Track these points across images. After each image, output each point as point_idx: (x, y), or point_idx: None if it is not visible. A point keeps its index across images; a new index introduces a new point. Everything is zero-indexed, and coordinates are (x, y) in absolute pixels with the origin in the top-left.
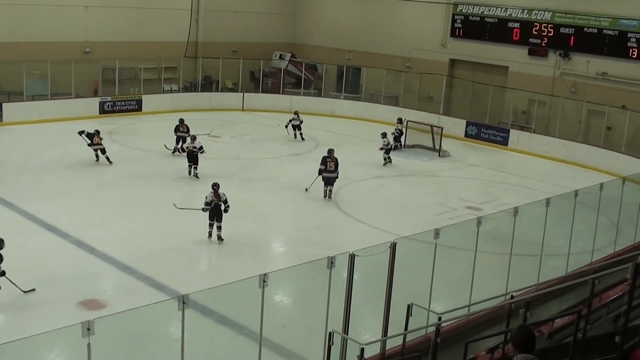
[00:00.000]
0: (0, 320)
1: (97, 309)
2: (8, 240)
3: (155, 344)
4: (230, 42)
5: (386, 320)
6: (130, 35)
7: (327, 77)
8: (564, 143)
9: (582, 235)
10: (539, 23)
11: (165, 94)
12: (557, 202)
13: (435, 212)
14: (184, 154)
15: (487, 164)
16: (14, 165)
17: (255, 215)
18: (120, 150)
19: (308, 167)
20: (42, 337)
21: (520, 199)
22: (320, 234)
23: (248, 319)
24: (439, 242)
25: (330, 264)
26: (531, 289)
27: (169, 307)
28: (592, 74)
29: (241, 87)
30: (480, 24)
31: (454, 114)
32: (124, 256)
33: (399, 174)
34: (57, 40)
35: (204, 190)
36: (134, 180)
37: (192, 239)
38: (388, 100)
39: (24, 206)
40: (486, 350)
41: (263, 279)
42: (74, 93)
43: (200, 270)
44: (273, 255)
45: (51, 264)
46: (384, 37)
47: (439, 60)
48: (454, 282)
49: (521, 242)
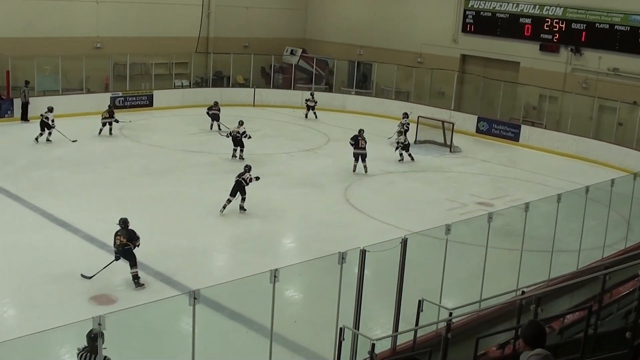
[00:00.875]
0: (12, 316)
1: (108, 304)
2: (19, 235)
3: (166, 339)
4: (241, 37)
5: (397, 316)
6: (142, 31)
7: (338, 73)
8: (575, 139)
9: (593, 231)
10: (551, 19)
11: (176, 89)
12: (568, 198)
13: (446, 207)
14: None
15: (498, 159)
16: (25, 160)
17: (267, 211)
18: (131, 146)
19: (320, 162)
20: (53, 332)
21: (531, 195)
22: (331, 229)
23: (259, 315)
24: (450, 237)
25: (341, 260)
26: (542, 285)
27: (180, 302)
28: (603, 70)
29: (252, 82)
30: (491, 19)
31: (465, 110)
32: (135, 251)
33: (410, 169)
34: (68, 36)
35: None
36: (145, 175)
37: (203, 234)
38: (399, 96)
39: (35, 202)
40: (497, 346)
41: (274, 274)
42: (85, 88)
43: (211, 266)
44: (284, 251)
45: (62, 259)
46: (395, 33)
47: (450, 56)
48: (464, 277)
49: (532, 237)
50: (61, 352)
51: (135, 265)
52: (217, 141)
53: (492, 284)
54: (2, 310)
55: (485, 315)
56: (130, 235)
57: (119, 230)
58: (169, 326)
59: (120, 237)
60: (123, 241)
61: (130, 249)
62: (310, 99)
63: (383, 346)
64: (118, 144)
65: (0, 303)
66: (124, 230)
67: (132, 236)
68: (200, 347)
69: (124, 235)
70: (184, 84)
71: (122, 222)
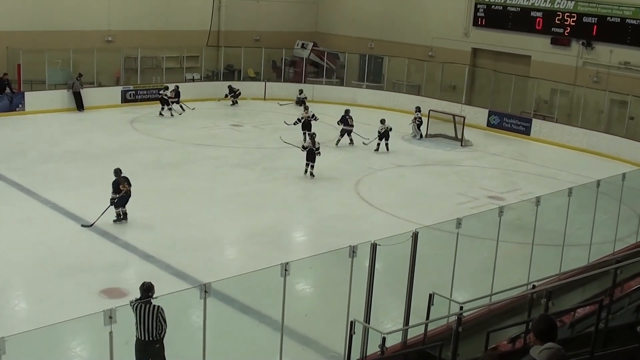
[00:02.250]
0: (23, 309)
1: (119, 298)
2: (30, 229)
3: (177, 332)
4: (252, 31)
5: (408, 310)
6: (153, 24)
7: (349, 66)
8: (586, 133)
9: (604, 225)
10: (562, 12)
11: (187, 82)
12: (579, 191)
13: (457, 201)
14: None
15: (509, 153)
16: (36, 154)
17: (277, 204)
18: (142, 139)
19: (331, 156)
20: (64, 325)
21: (542, 189)
22: (341, 223)
23: (270, 308)
24: (461, 231)
25: (352, 253)
26: (553, 279)
27: (191, 295)
28: (614, 64)
29: (263, 76)
30: (502, 13)
31: (476, 103)
32: (146, 245)
33: (421, 163)
34: (79, 29)
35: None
36: (156, 169)
37: (214, 228)
38: (410, 90)
39: (47, 195)
40: (508, 340)
41: (285, 267)
42: (96, 82)
43: (222, 259)
44: (294, 244)
45: (73, 252)
46: (406, 26)
47: (462, 50)
48: (475, 271)
49: (543, 231)
50: (72, 345)
51: (125, 206)
52: (228, 134)
53: (502, 277)
54: (13, 303)
55: (496, 309)
56: (128, 181)
57: (118, 178)
58: (180, 319)
59: (125, 184)
60: (128, 188)
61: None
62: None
63: (394, 340)
64: (129, 138)
65: (11, 296)
66: (123, 178)
67: (129, 182)
68: (211, 340)
69: (124, 182)
70: (195, 77)
71: (117, 170)
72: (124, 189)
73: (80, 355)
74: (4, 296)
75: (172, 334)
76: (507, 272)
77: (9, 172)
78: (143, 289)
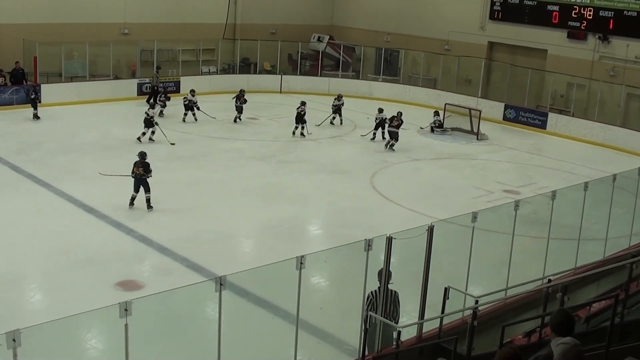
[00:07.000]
0: (39, 301)
1: (135, 290)
2: (46, 221)
3: (193, 325)
4: (268, 24)
5: (423, 303)
6: (169, 17)
7: (365, 60)
8: (602, 127)
9: (620, 220)
10: (578, 6)
11: (203, 75)
12: (595, 186)
13: (472, 195)
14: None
15: (525, 147)
16: (52, 146)
17: (293, 197)
18: (157, 132)
19: (346, 149)
20: (79, 317)
21: (558, 183)
22: (357, 216)
23: (285, 301)
24: (477, 225)
25: (367, 247)
26: (569, 273)
27: (206, 288)
28: (631, 58)
29: (279, 69)
30: (519, 6)
31: (492, 97)
32: (161, 237)
33: (437, 156)
34: (96, 22)
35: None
36: (172, 162)
37: (229, 220)
38: (426, 83)
39: (63, 187)
40: (523, 334)
41: (300, 260)
42: (112, 74)
43: (237, 252)
44: (310, 237)
45: (89, 244)
46: (422, 20)
47: (478, 43)
48: (491, 265)
49: (559, 225)
50: (87, 337)
51: (149, 190)
52: (244, 127)
53: (518, 272)
54: (29, 295)
55: (512, 303)
56: (146, 167)
57: (137, 161)
58: (195, 312)
59: (139, 167)
60: (140, 171)
61: (145, 178)
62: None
63: (409, 333)
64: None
65: (27, 288)
66: (142, 162)
67: (147, 168)
68: (226, 333)
69: (139, 166)
70: (211, 70)
71: (140, 154)
72: (137, 171)
73: (95, 347)
74: (19, 288)
75: (187, 326)
76: (522, 266)
77: (26, 164)
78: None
